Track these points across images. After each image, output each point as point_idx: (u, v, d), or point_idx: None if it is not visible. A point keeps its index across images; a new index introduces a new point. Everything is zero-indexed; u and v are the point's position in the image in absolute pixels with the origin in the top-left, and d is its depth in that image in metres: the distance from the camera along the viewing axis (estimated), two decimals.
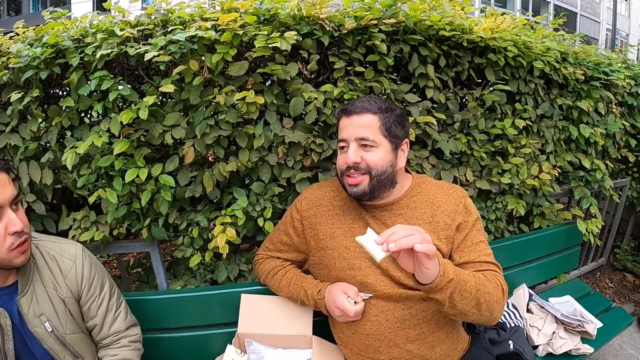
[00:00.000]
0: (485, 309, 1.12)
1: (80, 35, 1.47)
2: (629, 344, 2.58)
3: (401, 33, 1.60)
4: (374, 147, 1.21)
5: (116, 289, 1.31)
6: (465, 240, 1.26)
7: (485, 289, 1.11)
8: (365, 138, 1.20)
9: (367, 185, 1.22)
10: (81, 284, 1.20)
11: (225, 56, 1.38)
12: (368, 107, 1.23)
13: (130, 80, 1.74)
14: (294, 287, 1.39)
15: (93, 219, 1.59)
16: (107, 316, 1.25)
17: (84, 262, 1.22)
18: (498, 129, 1.90)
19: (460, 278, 1.05)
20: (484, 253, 1.25)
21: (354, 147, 1.22)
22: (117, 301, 1.30)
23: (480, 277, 1.14)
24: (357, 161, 1.21)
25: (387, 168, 1.23)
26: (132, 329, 1.33)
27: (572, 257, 2.31)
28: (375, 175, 1.21)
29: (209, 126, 1.47)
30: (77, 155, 1.43)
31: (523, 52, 1.88)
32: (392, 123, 1.24)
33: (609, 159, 2.64)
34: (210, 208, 1.65)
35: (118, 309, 1.29)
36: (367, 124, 1.21)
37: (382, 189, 1.24)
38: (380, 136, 1.22)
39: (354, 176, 1.22)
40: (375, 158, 1.21)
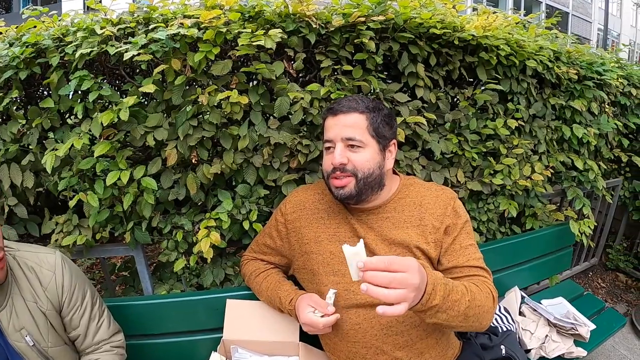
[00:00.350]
0: (474, 321, 1.07)
1: (61, 34, 1.43)
2: (622, 345, 2.57)
3: (390, 31, 1.56)
4: (361, 148, 1.18)
5: (98, 297, 1.27)
6: (454, 244, 1.22)
7: (475, 303, 1.04)
8: (352, 138, 1.17)
9: (354, 187, 1.18)
10: (62, 295, 1.16)
11: (208, 55, 1.34)
12: (355, 106, 1.19)
13: (112, 80, 1.70)
14: (272, 293, 1.36)
15: (75, 222, 1.55)
16: (90, 326, 1.22)
17: (63, 271, 1.17)
18: (490, 129, 1.87)
19: (448, 299, 0.96)
20: (473, 257, 1.22)
21: (340, 147, 1.18)
22: (100, 309, 1.26)
23: (473, 288, 1.08)
24: (344, 162, 1.17)
25: (375, 170, 1.19)
26: (116, 335, 1.30)
27: (565, 259, 2.29)
28: (361, 178, 1.17)
29: (191, 127, 1.43)
30: (57, 158, 1.39)
31: (515, 50, 1.85)
32: (380, 123, 1.20)
33: (601, 159, 2.63)
34: (194, 211, 1.61)
35: (101, 317, 1.25)
36: (354, 124, 1.18)
37: (370, 192, 1.21)
38: (368, 136, 1.18)
39: (340, 178, 1.18)
40: (362, 159, 1.17)
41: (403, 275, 0.81)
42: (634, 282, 3.21)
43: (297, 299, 1.27)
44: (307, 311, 1.20)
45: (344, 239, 1.25)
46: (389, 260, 0.81)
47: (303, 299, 1.25)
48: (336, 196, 1.22)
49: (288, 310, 1.30)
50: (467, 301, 1.01)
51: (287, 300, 1.29)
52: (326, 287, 1.24)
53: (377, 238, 1.22)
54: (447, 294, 0.96)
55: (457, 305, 0.98)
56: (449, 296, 0.96)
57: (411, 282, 0.82)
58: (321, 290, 1.26)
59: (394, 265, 0.81)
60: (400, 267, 0.81)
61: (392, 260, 0.81)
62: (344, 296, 1.22)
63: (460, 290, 1.01)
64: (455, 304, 0.98)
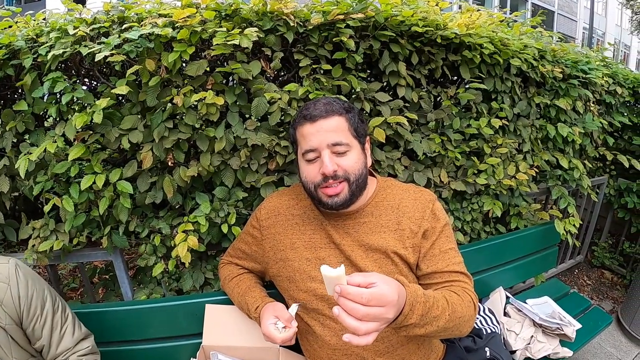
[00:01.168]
0: (453, 330, 1.03)
1: (35, 34, 1.39)
2: (608, 342, 2.58)
3: (371, 29, 1.53)
4: (347, 151, 1.13)
5: (59, 303, 1.21)
6: (433, 249, 1.19)
7: (456, 315, 1.00)
8: (338, 143, 1.11)
9: (348, 192, 1.13)
10: (20, 307, 1.10)
11: (183, 55, 1.30)
12: (332, 109, 1.13)
13: (87, 82, 1.66)
14: (241, 298, 1.32)
15: (52, 227, 1.52)
16: (53, 335, 1.16)
17: (18, 281, 1.11)
18: (473, 128, 1.85)
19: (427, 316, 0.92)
20: (452, 262, 1.18)
21: (327, 154, 1.11)
22: (62, 316, 1.20)
23: (454, 300, 1.04)
24: (336, 169, 1.11)
25: (363, 170, 1.16)
26: (82, 342, 1.23)
27: (550, 258, 2.29)
28: (354, 181, 1.13)
29: (167, 129, 1.39)
30: (31, 162, 1.35)
31: (500, 49, 1.83)
32: (358, 122, 1.17)
33: (586, 158, 2.63)
34: (172, 214, 1.58)
35: (64, 325, 1.19)
36: (337, 127, 1.12)
37: (358, 193, 1.17)
38: (351, 138, 1.14)
39: (333, 186, 1.12)
40: (351, 162, 1.13)
41: (379, 310, 0.78)
42: (619, 279, 3.23)
43: (263, 307, 1.24)
44: (269, 322, 1.16)
45: (320, 245, 1.22)
46: (367, 296, 0.77)
47: (268, 308, 1.22)
48: (329, 206, 1.15)
49: (254, 318, 1.26)
50: (448, 315, 0.98)
51: (254, 307, 1.26)
52: (304, 294, 1.22)
53: (353, 244, 1.19)
54: (427, 311, 0.92)
55: (436, 321, 0.95)
56: (429, 313, 0.93)
57: (385, 316, 0.80)
58: (297, 297, 1.24)
59: (372, 301, 0.77)
60: (378, 302, 0.78)
61: (371, 295, 0.77)
62: (324, 302, 1.19)
63: (441, 305, 0.98)
64: (435, 320, 0.95)
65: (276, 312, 1.19)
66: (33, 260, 1.50)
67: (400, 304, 0.84)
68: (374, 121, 1.53)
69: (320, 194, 1.15)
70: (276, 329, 1.14)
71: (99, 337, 1.38)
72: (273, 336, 1.13)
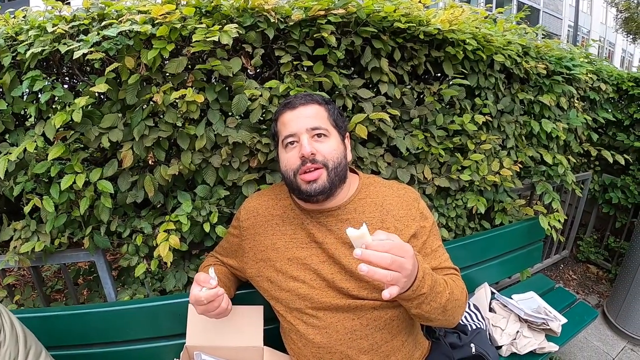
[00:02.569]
0: (449, 315, 1.08)
1: (14, 32, 1.36)
2: (595, 336, 2.61)
3: (353, 25, 1.52)
4: (326, 137, 1.15)
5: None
6: (425, 248, 1.20)
7: (454, 297, 1.07)
8: (317, 127, 1.14)
9: (326, 179, 1.12)
10: None
11: (162, 52, 1.28)
12: (312, 99, 1.19)
13: (67, 80, 1.63)
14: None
15: (33, 228, 1.49)
16: None
17: None
18: (457, 124, 1.86)
19: (434, 290, 0.99)
20: (443, 258, 1.22)
21: (306, 138, 1.13)
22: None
23: (450, 283, 1.09)
24: (314, 152, 1.12)
25: (342, 159, 1.16)
26: None
27: (535, 253, 2.30)
28: (332, 168, 1.13)
29: (147, 127, 1.38)
30: (11, 162, 1.33)
31: (483, 45, 1.84)
32: (337, 114, 1.21)
33: (571, 154, 2.66)
34: (154, 214, 1.56)
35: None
36: (316, 114, 1.16)
37: (338, 184, 1.16)
38: (330, 126, 1.17)
39: (310, 170, 1.12)
40: (330, 149, 1.14)
41: (401, 259, 0.84)
42: (604, 274, 3.26)
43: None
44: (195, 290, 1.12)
45: (302, 244, 1.21)
46: (389, 246, 0.83)
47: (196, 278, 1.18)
48: (308, 193, 1.14)
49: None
50: (448, 294, 1.04)
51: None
52: (286, 293, 1.21)
53: (336, 241, 1.18)
54: (434, 283, 0.98)
55: (439, 297, 1.01)
56: (434, 287, 0.99)
57: (406, 266, 0.85)
58: (279, 297, 1.23)
59: (393, 249, 0.83)
60: (399, 252, 0.84)
61: (392, 245, 0.84)
62: (306, 301, 1.19)
63: (442, 283, 1.04)
64: (438, 296, 1.00)
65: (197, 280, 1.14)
66: (15, 262, 1.48)
67: (414, 263, 0.90)
68: (356, 118, 1.53)
69: (299, 181, 1.14)
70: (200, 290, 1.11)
71: (82, 340, 1.38)
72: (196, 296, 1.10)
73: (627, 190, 2.90)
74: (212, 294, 1.10)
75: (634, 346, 2.52)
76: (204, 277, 1.12)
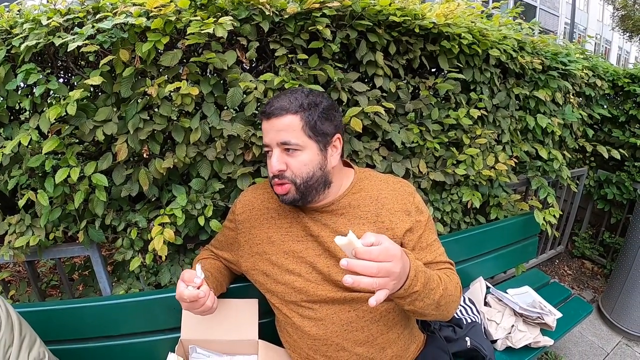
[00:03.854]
0: (443, 310, 1.09)
1: (9, 26, 1.35)
2: (590, 331, 2.62)
3: (348, 18, 1.51)
4: (298, 151, 1.11)
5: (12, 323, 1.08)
6: (420, 242, 1.19)
7: (447, 292, 1.07)
8: (287, 142, 1.10)
9: (295, 192, 1.13)
10: None
11: (157, 45, 1.27)
12: (287, 106, 1.10)
13: (62, 74, 1.63)
14: None
15: (28, 222, 1.49)
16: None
17: None
18: (452, 119, 1.86)
19: (427, 287, 0.99)
20: (439, 252, 1.22)
21: (277, 153, 1.11)
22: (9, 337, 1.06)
23: (444, 278, 1.09)
24: (282, 169, 1.11)
25: (315, 172, 1.13)
26: None
27: (530, 248, 2.31)
28: (301, 183, 1.12)
29: (142, 120, 1.37)
30: (5, 156, 1.33)
31: (478, 39, 1.83)
32: (318, 120, 1.11)
33: (566, 149, 2.66)
34: (149, 207, 1.56)
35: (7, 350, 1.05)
36: (287, 127, 1.10)
37: (314, 193, 1.15)
38: (305, 138, 1.10)
39: (280, 184, 1.13)
40: (300, 164, 1.11)
41: (388, 264, 0.84)
42: (599, 269, 3.28)
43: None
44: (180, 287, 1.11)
45: (297, 238, 1.21)
46: (377, 252, 0.83)
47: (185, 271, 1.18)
48: (282, 200, 1.17)
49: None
50: (442, 290, 1.04)
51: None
52: (282, 287, 1.21)
53: (332, 234, 1.17)
54: (426, 281, 0.98)
55: (433, 294, 1.01)
56: (427, 284, 0.99)
57: (394, 270, 0.85)
58: (274, 290, 1.23)
59: (380, 256, 0.83)
60: (385, 257, 0.84)
61: (379, 251, 0.83)
62: (302, 294, 1.19)
63: (436, 279, 1.04)
64: (432, 292, 1.01)
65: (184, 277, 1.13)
66: (10, 256, 1.47)
67: (405, 264, 0.90)
68: (351, 111, 1.53)
69: (274, 189, 1.17)
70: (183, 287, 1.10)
71: (77, 334, 1.37)
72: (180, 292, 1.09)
73: (622, 186, 2.91)
74: (194, 295, 1.09)
75: (629, 341, 2.54)
76: (188, 276, 1.11)
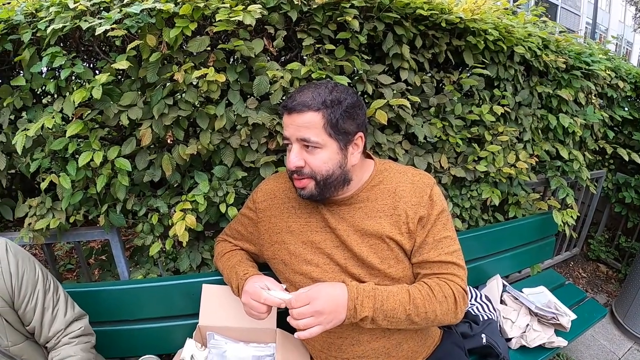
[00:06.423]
0: (426, 323, 1.12)
1: (35, 9, 1.35)
2: (602, 335, 2.59)
3: (375, 10, 1.50)
4: (317, 149, 1.08)
5: (51, 283, 1.18)
6: (427, 237, 1.16)
7: (419, 310, 1.08)
8: (306, 139, 1.07)
9: (314, 188, 1.12)
10: (11, 288, 1.07)
11: (184, 31, 1.27)
12: (309, 103, 1.07)
13: (87, 58, 1.63)
14: (232, 269, 1.30)
15: (49, 205, 1.49)
16: (44, 317, 1.13)
17: (9, 261, 1.07)
18: (475, 114, 1.84)
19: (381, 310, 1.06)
20: (445, 251, 1.16)
21: (296, 148, 1.10)
22: (54, 297, 1.17)
23: (417, 295, 1.09)
24: (300, 165, 1.10)
25: (334, 170, 1.10)
26: (75, 324, 1.20)
27: (547, 248, 2.29)
28: (320, 180, 1.10)
29: (167, 106, 1.37)
30: (29, 138, 1.33)
31: (504, 36, 1.81)
32: (340, 118, 1.08)
33: (586, 150, 2.62)
34: (170, 193, 1.56)
35: (55, 306, 1.16)
36: (308, 124, 1.07)
37: (333, 190, 1.14)
38: (325, 136, 1.08)
39: (299, 179, 1.13)
40: (319, 162, 1.09)
41: (305, 308, 1.02)
42: (614, 273, 3.24)
43: (252, 275, 1.22)
44: (258, 284, 1.15)
45: (316, 229, 1.21)
46: (292, 300, 1.05)
47: (256, 277, 1.21)
48: (299, 194, 1.16)
49: (240, 281, 1.23)
50: (407, 309, 1.07)
51: (242, 274, 1.24)
52: (299, 276, 1.21)
53: (349, 229, 1.17)
54: (380, 304, 1.06)
55: (395, 313, 1.06)
56: (383, 306, 1.06)
57: (314, 309, 1.01)
58: (293, 279, 1.23)
59: (297, 303, 1.03)
60: (302, 302, 1.03)
61: (295, 298, 1.04)
62: None
63: (399, 299, 1.07)
64: (393, 312, 1.06)
65: (268, 280, 1.18)
66: (29, 239, 1.48)
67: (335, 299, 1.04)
68: (376, 103, 1.52)
69: (293, 183, 1.17)
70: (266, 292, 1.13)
71: (94, 317, 1.37)
72: (258, 293, 1.13)
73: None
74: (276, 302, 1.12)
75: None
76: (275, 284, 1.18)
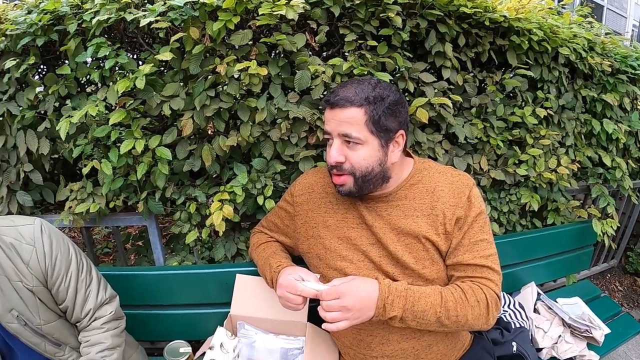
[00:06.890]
0: (456, 327, 1.09)
1: (80, 1, 1.41)
2: (635, 352, 2.50)
3: (418, 7, 1.49)
4: (358, 145, 1.08)
5: (84, 264, 1.20)
6: (463, 239, 1.14)
7: (450, 314, 1.06)
8: (348, 135, 1.07)
9: (353, 185, 1.12)
10: (45, 268, 1.10)
11: (227, 24, 1.29)
12: (352, 98, 1.07)
13: (130, 49, 1.68)
14: (266, 260, 1.31)
15: (89, 190, 1.54)
16: (77, 297, 1.16)
17: (43, 242, 1.10)
18: (517, 116, 1.80)
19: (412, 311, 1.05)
20: (480, 254, 1.13)
21: (337, 143, 1.10)
22: (87, 278, 1.19)
23: (450, 298, 1.07)
24: (340, 161, 1.10)
25: (374, 167, 1.10)
26: (105, 307, 1.22)
27: (584, 258, 2.22)
28: (360, 176, 1.10)
29: (209, 98, 1.40)
30: (72, 125, 1.38)
31: (549, 36, 1.76)
32: (382, 115, 1.07)
33: (629, 158, 2.52)
34: (209, 183, 1.59)
35: (88, 287, 1.19)
36: (350, 119, 1.07)
37: (371, 187, 1.13)
38: (367, 132, 1.07)
39: (338, 175, 1.12)
40: (360, 158, 1.09)
41: (335, 302, 1.02)
42: None
43: (286, 267, 1.23)
44: (292, 276, 1.15)
45: (352, 225, 1.20)
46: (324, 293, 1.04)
47: (290, 268, 1.21)
48: (337, 191, 1.17)
49: (274, 273, 1.24)
50: (438, 312, 1.05)
51: (276, 265, 1.25)
52: (333, 272, 1.20)
53: (385, 227, 1.16)
54: (411, 305, 1.04)
55: (425, 315, 1.05)
56: (414, 307, 1.04)
57: (342, 304, 1.01)
58: (327, 275, 1.22)
59: (329, 296, 1.03)
60: (333, 296, 1.03)
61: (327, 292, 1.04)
62: None
63: (430, 301, 1.06)
64: (423, 314, 1.05)
65: (301, 271, 1.18)
66: (69, 221, 1.54)
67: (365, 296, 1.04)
68: (417, 101, 1.51)
69: (332, 178, 1.17)
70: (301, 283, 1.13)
71: (128, 301, 1.41)
72: (293, 285, 1.13)
73: None
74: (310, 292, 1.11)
75: None
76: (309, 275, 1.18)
